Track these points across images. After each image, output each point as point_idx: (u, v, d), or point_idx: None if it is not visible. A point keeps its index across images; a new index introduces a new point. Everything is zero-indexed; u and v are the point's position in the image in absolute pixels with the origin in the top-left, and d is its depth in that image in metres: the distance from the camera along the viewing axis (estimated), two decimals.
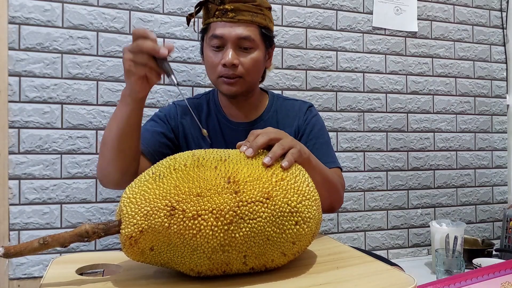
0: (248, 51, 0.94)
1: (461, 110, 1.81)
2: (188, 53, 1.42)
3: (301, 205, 0.57)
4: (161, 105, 1.39)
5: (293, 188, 0.58)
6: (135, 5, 1.37)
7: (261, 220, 0.54)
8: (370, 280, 0.57)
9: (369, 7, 1.66)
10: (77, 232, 0.54)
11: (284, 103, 1.09)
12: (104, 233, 0.55)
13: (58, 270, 0.62)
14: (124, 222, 0.53)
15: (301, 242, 0.58)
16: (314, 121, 1.06)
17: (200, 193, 0.53)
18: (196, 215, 0.52)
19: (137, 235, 0.53)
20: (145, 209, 0.53)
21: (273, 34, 1.01)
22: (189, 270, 0.56)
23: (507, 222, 1.66)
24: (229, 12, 0.91)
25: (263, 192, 0.55)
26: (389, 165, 1.69)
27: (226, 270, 0.56)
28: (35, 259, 1.26)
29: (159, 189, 0.54)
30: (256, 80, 1.01)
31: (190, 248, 0.53)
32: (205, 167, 0.56)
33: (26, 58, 1.26)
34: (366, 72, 1.66)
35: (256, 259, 0.56)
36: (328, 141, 1.06)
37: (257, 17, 0.94)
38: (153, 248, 0.54)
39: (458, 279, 0.94)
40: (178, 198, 0.53)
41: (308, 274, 0.60)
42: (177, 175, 0.55)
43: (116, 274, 0.61)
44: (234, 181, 0.55)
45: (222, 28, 0.91)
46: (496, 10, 1.86)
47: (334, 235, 1.60)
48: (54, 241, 0.53)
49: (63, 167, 1.29)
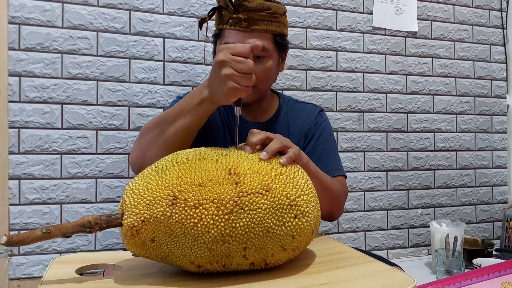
0: (261, 60, 0.92)
1: (461, 110, 1.81)
2: (188, 53, 1.42)
3: (300, 199, 0.58)
4: (161, 105, 1.39)
5: (292, 182, 0.59)
6: (135, 5, 1.37)
7: (261, 211, 0.55)
8: (370, 280, 0.57)
9: (369, 7, 1.66)
10: (79, 222, 0.55)
11: (295, 105, 1.08)
12: (106, 224, 0.56)
13: (57, 270, 0.62)
14: (127, 212, 0.55)
15: (300, 237, 0.59)
16: (324, 126, 1.06)
17: (201, 183, 0.55)
18: (197, 204, 0.54)
19: (139, 225, 0.54)
20: (148, 199, 0.54)
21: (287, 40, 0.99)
22: (189, 263, 0.56)
23: (507, 222, 1.66)
24: (242, 21, 0.88)
25: (263, 184, 0.57)
26: (389, 165, 1.69)
27: (226, 263, 0.57)
28: (35, 259, 1.26)
29: (161, 180, 0.55)
30: (268, 87, 1.01)
31: (191, 238, 0.54)
32: (206, 160, 0.58)
33: (26, 58, 1.26)
34: (366, 72, 1.66)
35: (256, 252, 0.56)
36: (335, 148, 1.06)
37: (271, 26, 0.91)
38: (154, 239, 0.55)
39: (458, 279, 0.94)
40: (180, 188, 0.55)
41: (308, 274, 0.60)
42: (179, 167, 0.57)
43: (116, 274, 0.61)
44: (234, 172, 0.57)
45: (235, 37, 0.90)
46: (496, 10, 1.87)
47: (334, 235, 1.60)
48: (56, 230, 0.54)
49: (63, 167, 1.29)
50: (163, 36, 1.40)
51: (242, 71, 0.67)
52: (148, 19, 1.38)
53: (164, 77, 1.40)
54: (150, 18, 1.38)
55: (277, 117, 1.05)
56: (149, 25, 1.38)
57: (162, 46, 1.40)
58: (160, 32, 1.39)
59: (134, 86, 1.37)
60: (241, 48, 0.66)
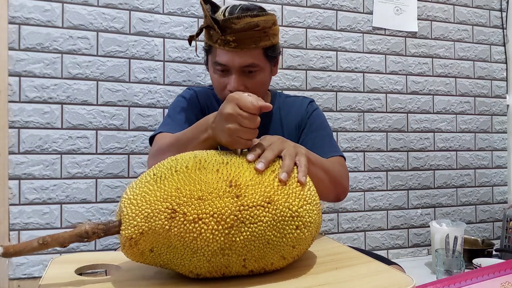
0: (253, 74, 0.94)
1: (461, 110, 1.81)
2: (188, 53, 1.42)
3: (302, 209, 0.57)
4: (161, 105, 1.39)
5: (295, 192, 0.58)
6: (135, 5, 1.37)
7: (262, 224, 0.54)
8: (369, 280, 0.57)
9: (369, 7, 1.66)
10: (76, 232, 0.54)
11: (286, 100, 1.10)
12: (104, 233, 0.55)
13: (57, 270, 0.62)
14: (124, 223, 0.53)
15: (301, 246, 0.58)
16: (315, 115, 1.07)
17: (201, 197, 0.53)
18: (197, 219, 0.52)
19: (137, 237, 0.53)
20: (146, 211, 0.53)
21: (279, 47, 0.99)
22: (188, 272, 0.56)
23: (507, 222, 1.66)
24: (231, 42, 0.89)
25: (264, 196, 0.55)
26: (389, 165, 1.69)
27: (225, 272, 0.56)
28: (35, 259, 1.26)
29: (160, 191, 0.54)
30: (264, 93, 1.02)
31: (190, 251, 0.53)
32: (206, 169, 0.56)
33: (26, 58, 1.26)
34: (366, 72, 1.66)
35: (256, 262, 0.56)
36: (330, 134, 1.06)
37: (261, 42, 0.91)
38: (152, 249, 0.54)
39: (458, 279, 0.94)
40: (179, 201, 0.53)
41: (307, 275, 0.60)
42: (178, 177, 0.55)
43: (115, 275, 0.61)
44: (235, 184, 0.55)
45: (225, 56, 0.91)
46: (496, 10, 1.86)
47: (334, 235, 1.60)
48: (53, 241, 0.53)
49: (63, 167, 1.29)
50: (163, 36, 1.40)
51: (248, 126, 0.65)
52: (148, 19, 1.38)
53: (164, 77, 1.40)
54: (150, 18, 1.38)
55: (270, 112, 1.05)
56: (149, 25, 1.38)
57: (162, 46, 1.40)
58: (160, 32, 1.39)
59: (134, 86, 1.37)
60: (250, 104, 0.64)
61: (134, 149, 1.37)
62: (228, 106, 0.66)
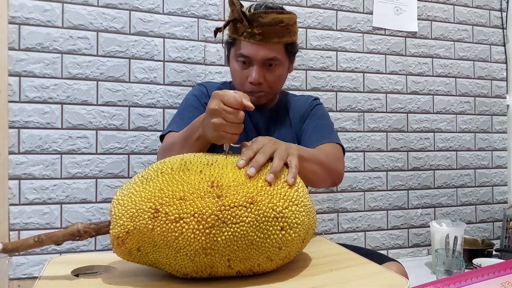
0: (273, 67, 0.99)
1: (461, 110, 1.81)
2: (188, 53, 1.42)
3: (287, 210, 0.57)
4: (161, 105, 1.39)
5: (280, 193, 0.58)
6: (135, 5, 1.37)
7: (244, 225, 0.54)
8: (364, 282, 0.57)
9: (369, 7, 1.66)
10: (69, 231, 0.56)
11: (293, 98, 1.17)
12: (95, 232, 0.57)
13: (53, 270, 0.63)
14: (113, 222, 0.55)
15: (288, 248, 0.58)
16: (318, 108, 1.13)
17: (183, 197, 0.54)
18: (178, 218, 0.54)
19: (123, 236, 0.54)
20: (131, 211, 0.55)
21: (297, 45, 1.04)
22: (175, 271, 0.57)
23: (507, 222, 1.66)
24: (257, 35, 0.94)
25: (247, 197, 0.56)
26: (389, 165, 1.69)
27: (211, 272, 0.57)
28: (35, 259, 1.26)
29: (145, 191, 0.56)
30: (279, 89, 1.08)
31: (173, 250, 0.54)
32: (190, 171, 0.57)
33: (26, 58, 1.26)
34: (366, 72, 1.66)
35: (241, 263, 0.56)
36: (331, 126, 1.10)
37: (284, 38, 0.97)
38: (139, 248, 0.55)
39: (458, 279, 0.94)
40: (162, 201, 0.54)
41: (302, 277, 0.60)
42: (163, 178, 0.57)
43: (108, 275, 0.62)
44: (217, 185, 0.56)
45: (249, 48, 0.96)
46: (496, 10, 1.86)
47: (334, 235, 1.60)
48: (48, 239, 0.56)
49: (63, 167, 1.30)
50: (163, 36, 1.40)
51: (232, 121, 0.67)
52: (148, 19, 1.38)
53: (164, 77, 1.40)
54: (150, 18, 1.38)
55: (278, 106, 1.12)
56: (149, 25, 1.38)
57: (162, 46, 1.40)
58: (160, 32, 1.39)
59: (134, 86, 1.37)
60: (233, 100, 0.66)
61: (134, 149, 1.37)
62: (213, 102, 0.68)
